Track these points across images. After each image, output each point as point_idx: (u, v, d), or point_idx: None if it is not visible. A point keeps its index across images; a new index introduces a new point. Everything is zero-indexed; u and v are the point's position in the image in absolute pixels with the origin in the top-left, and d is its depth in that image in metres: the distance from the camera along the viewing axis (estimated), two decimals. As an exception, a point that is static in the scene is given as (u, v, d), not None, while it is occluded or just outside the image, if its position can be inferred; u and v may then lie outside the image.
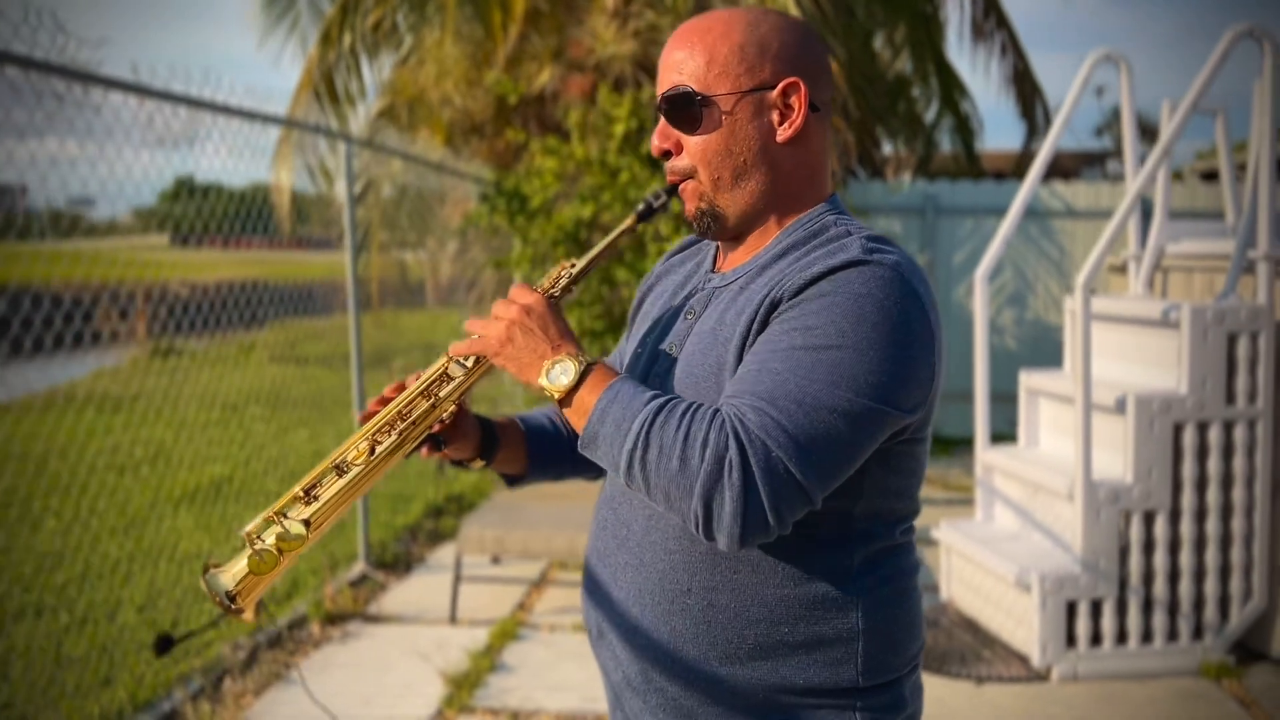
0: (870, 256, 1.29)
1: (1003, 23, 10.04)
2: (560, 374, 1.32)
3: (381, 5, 8.83)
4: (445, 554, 5.55)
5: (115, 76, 3.48)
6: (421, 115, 8.47)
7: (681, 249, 1.67)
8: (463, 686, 3.87)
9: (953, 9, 10.27)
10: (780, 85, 1.38)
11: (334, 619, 4.51)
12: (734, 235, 1.46)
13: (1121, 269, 5.08)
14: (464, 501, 6.49)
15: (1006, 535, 4.56)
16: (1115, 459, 4.15)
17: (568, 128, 7.60)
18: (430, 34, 8.07)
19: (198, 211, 5.71)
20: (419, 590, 4.97)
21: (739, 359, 1.33)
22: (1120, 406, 4.07)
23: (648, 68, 7.66)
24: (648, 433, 1.24)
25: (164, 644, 1.47)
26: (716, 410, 1.24)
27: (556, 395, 1.32)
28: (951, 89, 10.49)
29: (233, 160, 4.37)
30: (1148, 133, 29.94)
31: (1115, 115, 39.14)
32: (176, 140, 3.84)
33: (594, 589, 1.51)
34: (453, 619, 4.56)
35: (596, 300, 6.49)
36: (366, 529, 5.18)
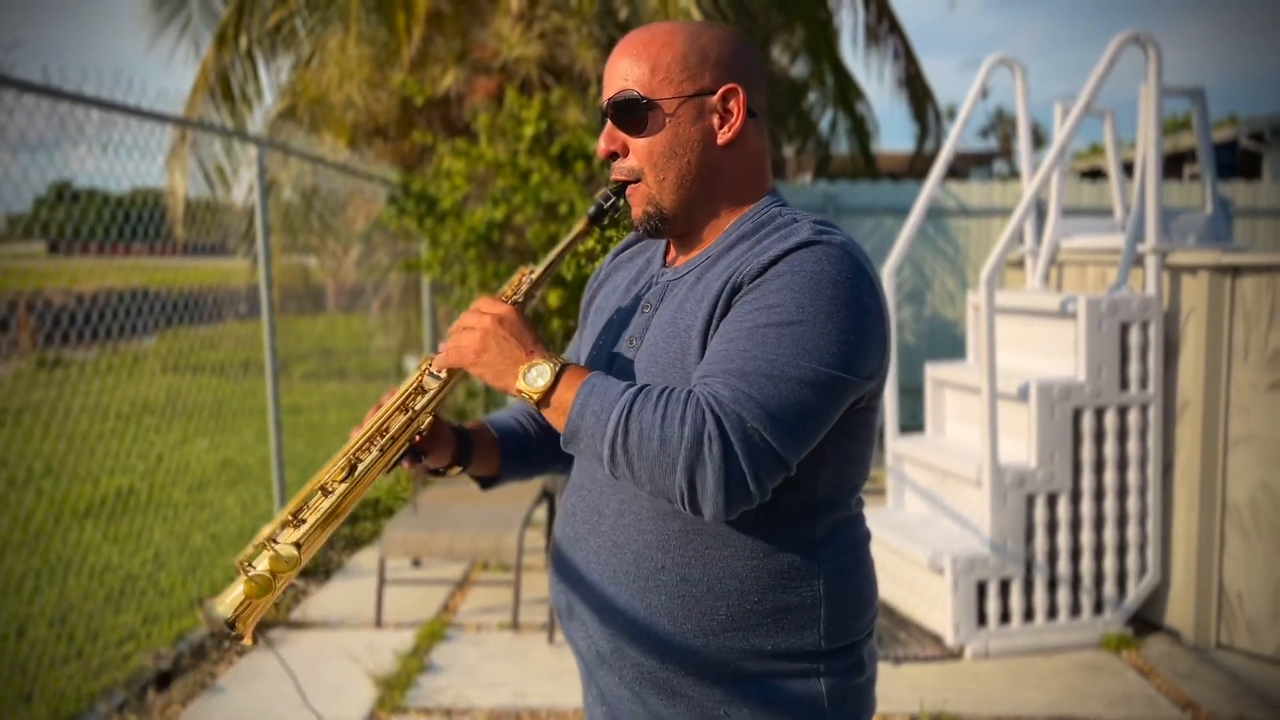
0: (820, 237, 1.38)
1: (895, 28, 10.34)
2: (536, 377, 1.38)
3: (281, 7, 8.69)
4: (363, 559, 5.52)
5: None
6: (323, 117, 8.36)
7: (627, 246, 1.74)
8: (394, 688, 3.87)
9: (847, 14, 10.55)
10: (720, 91, 1.47)
11: (257, 626, 4.44)
12: (681, 232, 1.54)
13: (1018, 264, 5.31)
14: (379, 506, 6.44)
15: (918, 521, 4.73)
16: (1019, 445, 4.35)
17: (475, 130, 7.60)
18: (332, 36, 7.96)
19: (83, 216, 5.53)
20: (341, 595, 4.94)
21: (703, 343, 1.40)
22: (1023, 394, 4.27)
23: (554, 70, 7.70)
24: (626, 420, 1.30)
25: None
26: (690, 391, 1.31)
27: (534, 397, 1.38)
28: (847, 92, 10.77)
29: (120, 164, 4.24)
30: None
31: (1000, 117, 40.50)
32: (48, 144, 3.72)
33: (565, 572, 1.57)
34: (378, 622, 4.54)
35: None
36: (284, 535, 5.11)
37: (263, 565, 1.42)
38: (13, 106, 3.45)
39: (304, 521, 1.45)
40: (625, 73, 1.48)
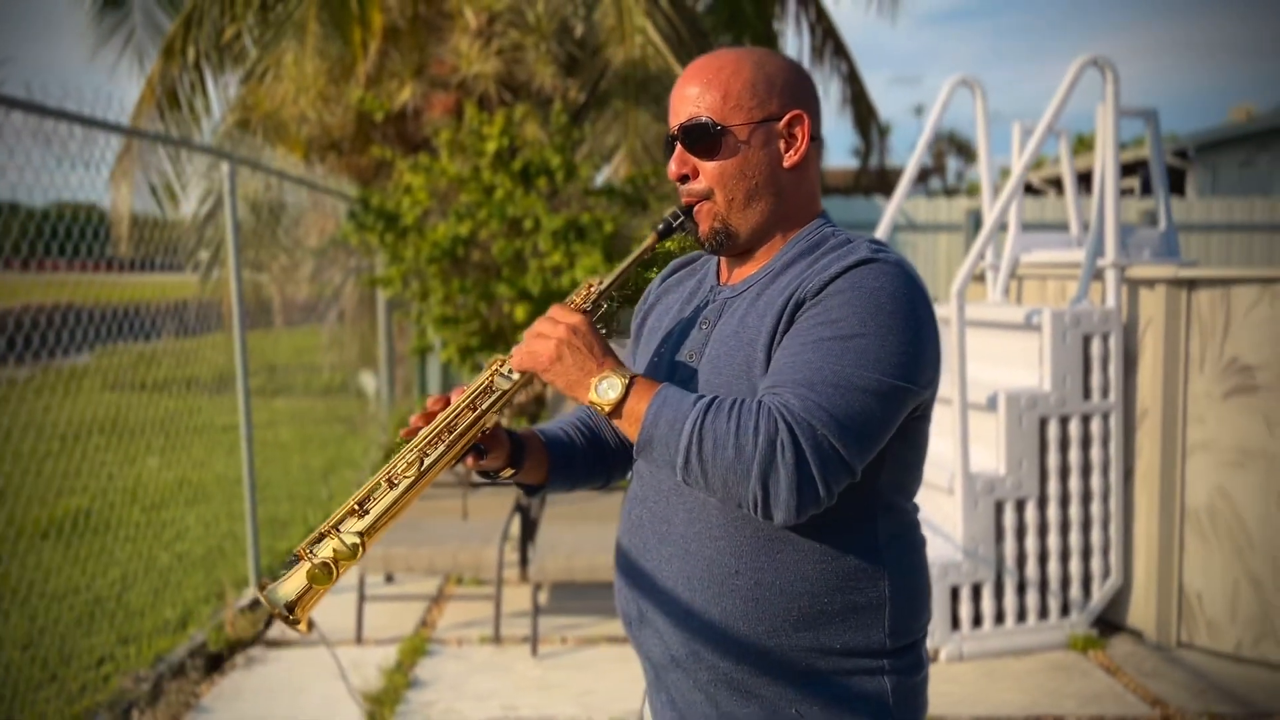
0: (877, 255, 1.47)
1: (840, 49, 10.56)
2: (608, 389, 1.44)
3: (233, 22, 8.62)
4: (334, 576, 5.48)
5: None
6: (277, 131, 8.30)
7: (674, 270, 1.81)
8: (383, 704, 3.87)
9: (793, 35, 10.75)
10: (786, 117, 1.55)
11: (235, 646, 4.41)
12: (743, 250, 1.61)
13: (978, 278, 5.48)
14: (344, 523, 6.40)
15: (889, 529, 4.84)
16: (989, 453, 4.49)
17: (434, 145, 7.60)
18: (287, 50, 7.92)
19: (4, 230, 5.36)
20: (317, 612, 4.88)
21: (768, 355, 1.47)
22: (992, 404, 4.41)
23: (512, 87, 7.74)
24: (700, 429, 1.37)
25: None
26: (760, 401, 1.38)
27: (606, 408, 1.44)
28: (794, 109, 10.91)
29: (60, 176, 4.14)
30: (963, 150, 31.85)
31: (936, 134, 41.34)
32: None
33: (635, 580, 1.62)
34: (359, 639, 4.53)
35: (474, 316, 6.52)
36: (257, 554, 5.07)
37: (325, 553, 1.45)
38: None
39: (368, 512, 1.48)
40: (696, 99, 1.54)
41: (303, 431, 9.92)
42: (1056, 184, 16.08)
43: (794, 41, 10.84)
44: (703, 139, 1.54)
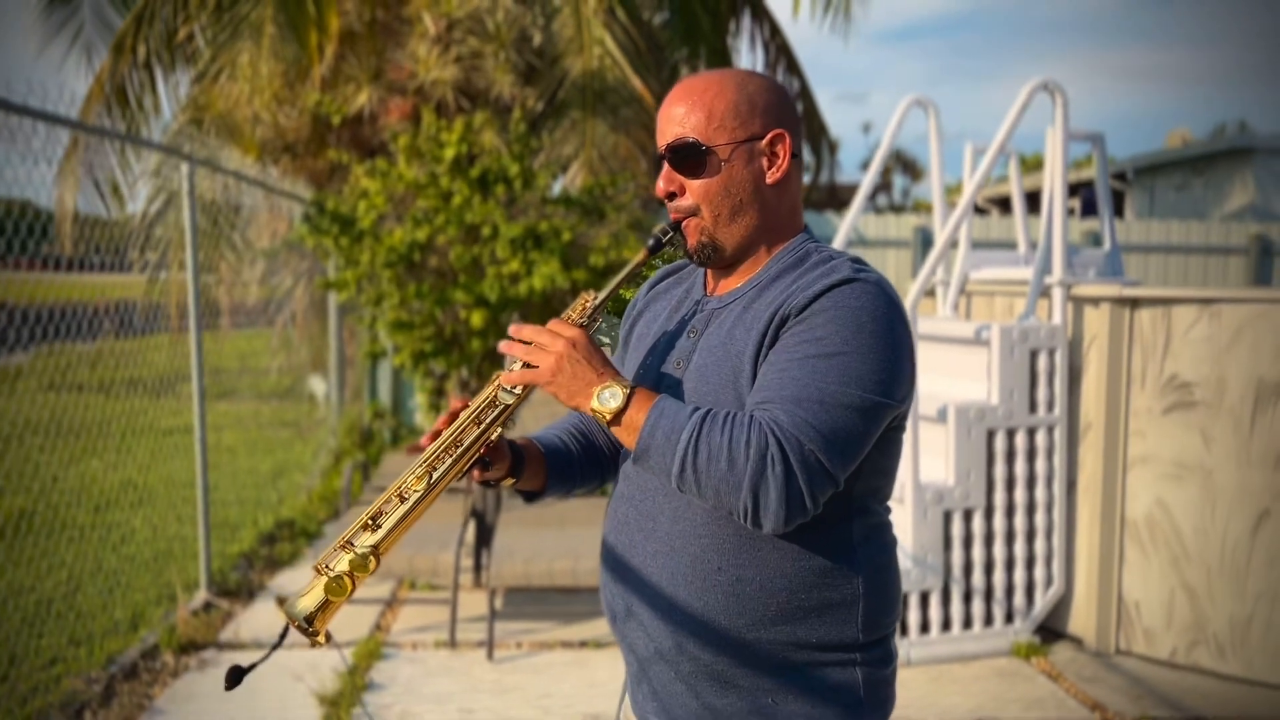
0: (858, 275, 1.54)
1: (793, 67, 10.70)
2: (610, 398, 1.50)
3: (186, 21, 8.54)
4: (285, 580, 5.46)
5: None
6: (230, 132, 8.23)
7: (661, 278, 1.87)
8: (340, 705, 3.87)
9: (747, 51, 10.88)
10: (768, 136, 1.62)
11: (186, 648, 4.38)
12: (729, 263, 1.68)
13: (930, 293, 5.61)
14: (295, 527, 6.37)
15: (840, 537, 4.94)
16: (937, 464, 4.61)
17: (390, 150, 7.60)
18: (242, 51, 7.86)
19: None
20: (269, 616, 4.88)
21: (754, 368, 1.55)
22: (941, 416, 4.52)
23: (470, 94, 7.77)
24: (696, 441, 1.44)
25: (235, 675, 1.54)
26: (752, 416, 1.46)
27: (607, 417, 1.50)
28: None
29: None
30: (909, 168, 32.39)
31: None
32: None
33: (621, 576, 1.68)
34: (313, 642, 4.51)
35: (429, 321, 6.53)
36: (209, 557, 5.04)
37: (341, 566, 1.51)
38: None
39: (380, 526, 1.54)
40: (682, 120, 1.61)
41: (248, 435, 9.82)
42: (999, 203, 16.43)
43: (748, 57, 10.97)
44: (689, 158, 1.61)
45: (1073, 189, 12.22)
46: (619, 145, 7.82)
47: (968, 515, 4.54)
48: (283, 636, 1.55)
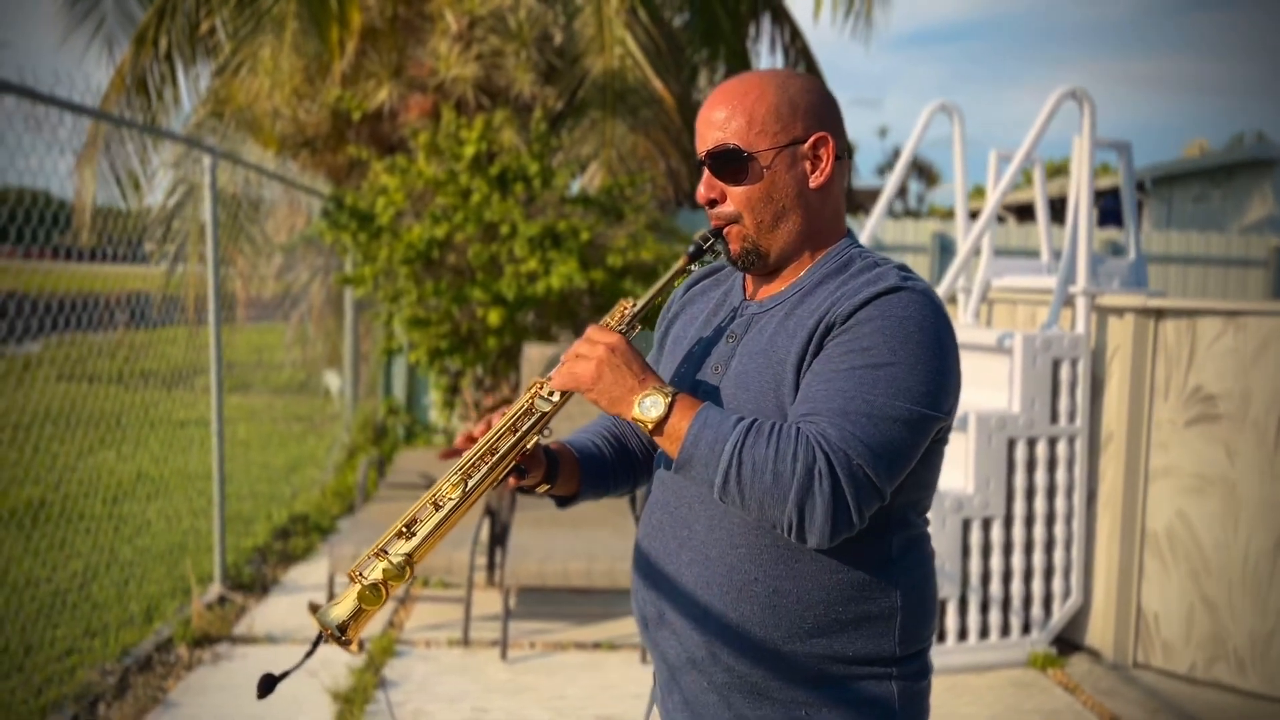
0: (905, 284, 1.51)
1: (813, 70, 10.67)
2: (651, 406, 1.47)
3: (209, 15, 8.56)
4: (299, 574, 5.46)
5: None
6: (251, 126, 8.24)
7: (698, 280, 1.84)
8: (353, 702, 3.86)
9: (767, 54, 10.85)
10: (811, 139, 1.58)
11: (200, 642, 4.37)
12: (773, 269, 1.65)
13: (951, 300, 5.57)
14: (309, 522, 6.36)
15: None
16: (957, 472, 4.57)
17: (410, 146, 7.60)
18: (263, 45, 7.87)
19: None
20: (282, 611, 4.88)
21: (797, 376, 1.51)
22: (962, 424, 4.49)
23: (490, 92, 7.75)
24: (740, 452, 1.41)
25: (268, 684, 1.53)
26: (798, 428, 1.42)
27: (649, 425, 1.47)
28: (764, 126, 11.00)
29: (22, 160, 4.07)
30: (924, 173, 32.33)
31: (897, 155, 41.92)
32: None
33: (654, 582, 1.66)
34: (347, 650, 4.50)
35: (445, 319, 6.52)
36: (223, 551, 5.03)
37: (374, 574, 1.49)
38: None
39: (415, 534, 1.52)
40: (722, 125, 1.58)
41: (261, 429, 9.82)
42: (1016, 210, 16.36)
43: (768, 60, 10.94)
44: (729, 165, 1.57)
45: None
46: (638, 146, 7.80)
47: (986, 524, 4.51)
48: (315, 645, 1.53)
